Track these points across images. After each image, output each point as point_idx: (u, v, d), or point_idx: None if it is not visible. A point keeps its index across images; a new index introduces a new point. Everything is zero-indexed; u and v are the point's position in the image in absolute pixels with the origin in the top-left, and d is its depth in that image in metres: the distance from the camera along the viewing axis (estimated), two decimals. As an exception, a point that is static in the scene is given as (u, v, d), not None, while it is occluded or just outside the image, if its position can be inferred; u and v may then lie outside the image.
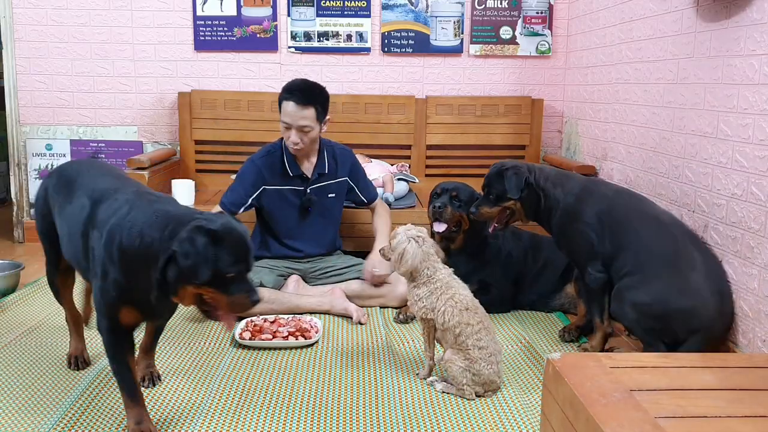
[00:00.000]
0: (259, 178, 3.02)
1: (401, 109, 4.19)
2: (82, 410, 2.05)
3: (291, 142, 2.91)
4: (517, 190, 2.64)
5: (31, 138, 4.25)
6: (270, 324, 2.68)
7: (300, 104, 2.86)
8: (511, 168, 2.68)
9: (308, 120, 2.88)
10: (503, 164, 2.74)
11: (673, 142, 2.86)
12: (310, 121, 2.89)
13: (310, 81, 2.97)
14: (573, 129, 4.12)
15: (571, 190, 2.60)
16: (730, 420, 1.29)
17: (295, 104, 2.86)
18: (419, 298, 2.23)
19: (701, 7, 2.65)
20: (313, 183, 3.07)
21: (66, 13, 4.13)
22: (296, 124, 2.88)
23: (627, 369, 1.49)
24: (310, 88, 2.92)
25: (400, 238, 2.25)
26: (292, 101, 2.87)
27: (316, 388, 2.23)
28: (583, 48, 3.97)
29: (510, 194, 2.65)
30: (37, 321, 2.81)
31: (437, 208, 2.96)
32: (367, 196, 3.23)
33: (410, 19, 4.21)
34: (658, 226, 2.44)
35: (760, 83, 2.28)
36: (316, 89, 2.94)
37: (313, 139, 2.96)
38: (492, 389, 2.18)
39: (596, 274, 2.51)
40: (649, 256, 2.37)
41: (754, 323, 2.30)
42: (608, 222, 2.49)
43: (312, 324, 2.70)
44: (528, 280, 3.07)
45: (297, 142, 2.90)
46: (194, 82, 4.22)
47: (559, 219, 2.61)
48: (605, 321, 2.55)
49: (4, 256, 3.94)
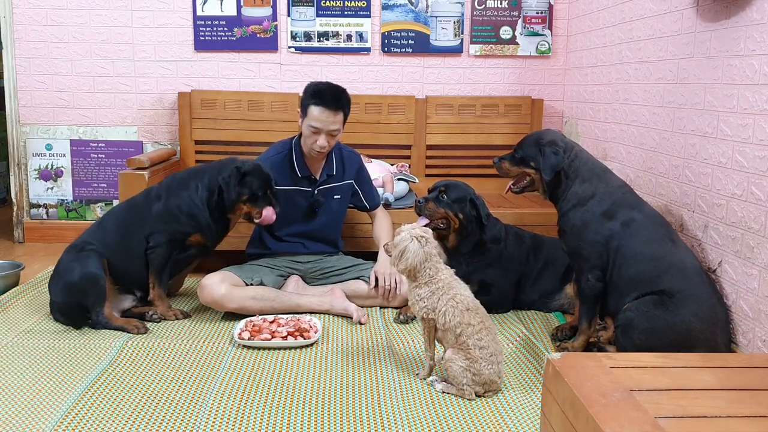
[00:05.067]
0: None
1: (401, 109, 4.19)
2: (83, 411, 2.05)
3: (318, 146, 2.91)
4: (552, 171, 2.53)
5: (31, 138, 4.25)
6: (269, 324, 2.68)
7: (332, 110, 2.87)
8: (550, 144, 2.55)
9: (338, 124, 2.91)
10: (544, 135, 2.61)
11: (673, 142, 2.86)
12: (339, 125, 2.92)
13: (336, 85, 2.97)
14: (573, 129, 4.12)
15: (601, 201, 2.48)
16: (730, 420, 1.29)
17: (326, 109, 2.86)
18: (420, 298, 2.23)
19: (701, 7, 2.65)
20: (321, 184, 3.07)
21: (66, 13, 4.13)
22: (327, 129, 2.89)
23: (627, 369, 1.49)
24: (340, 93, 2.93)
25: (404, 236, 2.24)
26: (322, 106, 2.86)
27: (315, 388, 2.23)
28: (583, 48, 3.97)
29: (543, 173, 2.55)
30: (37, 320, 2.81)
31: (419, 203, 2.95)
32: (371, 202, 3.23)
33: (410, 19, 4.21)
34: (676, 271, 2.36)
35: (760, 83, 2.28)
36: (345, 93, 2.96)
37: (336, 142, 3.00)
38: (493, 389, 2.18)
39: (594, 282, 2.49)
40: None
41: (754, 323, 2.30)
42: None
43: (311, 324, 2.70)
44: (529, 280, 3.07)
45: (325, 146, 2.92)
46: (194, 82, 4.22)
47: (576, 219, 2.52)
48: (592, 327, 2.55)
49: (4, 256, 3.94)
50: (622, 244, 2.43)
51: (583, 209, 2.51)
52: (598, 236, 2.47)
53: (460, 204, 2.93)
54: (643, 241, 2.42)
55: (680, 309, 2.27)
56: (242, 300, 2.82)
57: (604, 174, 2.58)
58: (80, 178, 4.30)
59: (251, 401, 2.14)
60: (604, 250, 2.46)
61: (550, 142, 2.57)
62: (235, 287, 2.84)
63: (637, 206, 2.50)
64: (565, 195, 2.55)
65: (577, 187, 2.53)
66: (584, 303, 2.55)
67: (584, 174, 2.54)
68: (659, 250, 2.39)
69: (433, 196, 2.95)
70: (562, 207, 2.58)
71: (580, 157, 2.58)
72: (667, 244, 2.42)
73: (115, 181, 4.21)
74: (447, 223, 2.95)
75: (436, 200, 2.93)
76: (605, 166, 2.64)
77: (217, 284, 2.81)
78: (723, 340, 2.32)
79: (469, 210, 2.94)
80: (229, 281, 2.85)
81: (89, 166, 4.29)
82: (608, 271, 2.48)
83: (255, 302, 2.84)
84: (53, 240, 4.27)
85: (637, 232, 2.43)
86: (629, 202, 2.51)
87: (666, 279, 2.33)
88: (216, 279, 2.83)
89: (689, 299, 2.28)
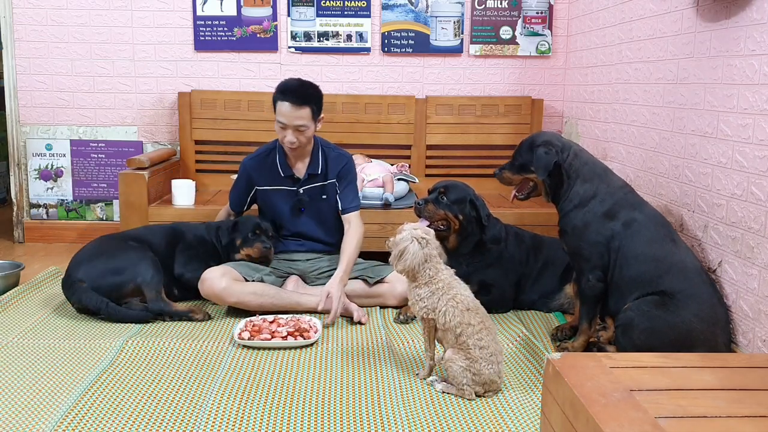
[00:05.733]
0: (248, 180, 3.13)
1: (401, 109, 4.19)
2: (83, 411, 2.05)
3: (287, 141, 2.92)
4: (544, 170, 2.53)
5: (31, 138, 4.25)
6: (269, 324, 2.68)
7: (295, 104, 2.86)
8: (543, 144, 2.55)
9: (304, 119, 2.89)
10: (539, 137, 2.61)
11: (673, 142, 2.86)
12: (306, 121, 2.89)
13: (304, 80, 2.98)
14: (573, 129, 4.12)
15: (602, 201, 2.48)
16: (730, 420, 1.29)
17: (291, 104, 2.86)
18: (420, 298, 2.23)
19: (701, 7, 2.65)
20: (304, 184, 3.07)
21: (66, 13, 4.13)
22: (292, 124, 2.88)
23: (627, 369, 1.49)
24: (304, 88, 2.92)
25: (405, 236, 2.23)
26: (287, 101, 2.87)
27: (315, 388, 2.23)
28: (583, 48, 3.97)
29: (537, 173, 2.56)
30: (37, 320, 2.81)
31: (418, 204, 2.95)
32: (344, 205, 3.09)
33: (410, 19, 4.21)
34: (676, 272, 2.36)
35: (760, 83, 2.28)
36: (311, 88, 2.94)
37: (309, 137, 2.98)
38: (493, 389, 2.18)
39: (595, 282, 2.49)
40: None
41: (754, 323, 2.30)
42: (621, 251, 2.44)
43: (311, 324, 2.70)
44: (529, 280, 3.07)
45: (293, 141, 2.91)
46: (194, 82, 4.22)
47: (577, 220, 2.52)
48: (592, 327, 2.55)
49: (4, 256, 3.94)
50: (623, 245, 2.43)
51: (584, 209, 2.51)
52: (599, 236, 2.47)
53: (459, 205, 2.92)
54: (644, 242, 2.42)
55: (681, 309, 2.27)
56: (242, 295, 2.83)
57: (606, 174, 2.58)
58: (80, 178, 4.30)
59: (251, 401, 2.14)
60: (605, 251, 2.46)
61: (543, 142, 2.57)
62: (235, 282, 2.86)
63: (638, 206, 2.50)
64: (567, 195, 2.55)
65: (579, 187, 2.53)
66: (585, 303, 2.55)
67: (585, 174, 2.54)
68: (660, 251, 2.39)
69: (433, 197, 2.94)
70: (563, 207, 2.58)
71: (580, 156, 2.57)
72: (668, 245, 2.42)
73: (115, 181, 4.21)
74: (447, 224, 2.94)
75: (435, 202, 2.92)
76: (606, 166, 2.63)
77: (218, 278, 2.83)
78: (723, 340, 2.32)
79: (469, 211, 2.93)
80: (230, 276, 2.87)
81: (89, 166, 4.29)
82: (609, 271, 2.48)
83: (255, 297, 2.85)
84: (53, 240, 4.27)
85: (638, 233, 2.43)
86: (630, 202, 2.51)
87: (667, 279, 2.33)
88: (217, 273, 2.86)
89: (690, 299, 2.28)
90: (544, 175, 2.55)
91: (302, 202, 3.08)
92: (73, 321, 2.82)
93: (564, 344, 2.60)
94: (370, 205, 3.51)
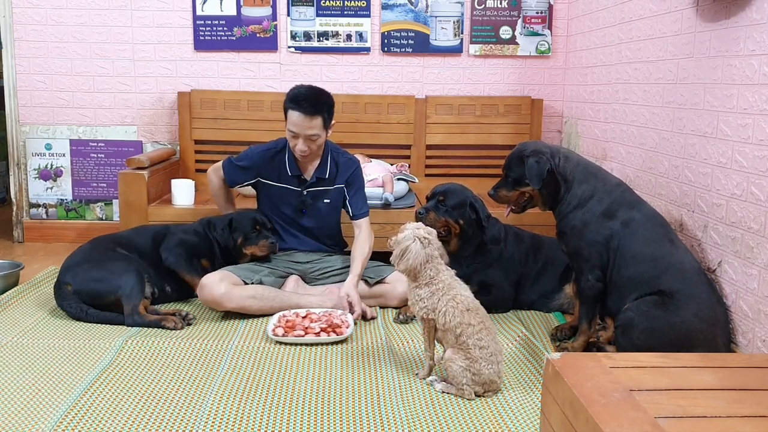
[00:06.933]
0: (252, 170, 3.10)
1: (401, 109, 4.19)
2: (82, 411, 2.05)
3: (298, 150, 2.91)
4: (539, 180, 2.53)
5: (30, 138, 4.25)
6: (302, 319, 2.68)
7: (308, 114, 2.84)
8: (533, 154, 2.55)
9: (316, 129, 2.88)
10: (525, 147, 2.61)
11: (672, 142, 2.86)
12: (317, 130, 2.88)
13: (316, 88, 2.94)
14: (573, 129, 4.12)
15: (600, 200, 2.48)
16: (730, 420, 1.29)
17: (303, 114, 2.84)
18: (420, 298, 2.23)
19: (701, 7, 2.65)
20: (310, 186, 3.07)
21: (66, 13, 4.13)
22: (304, 133, 2.87)
23: (627, 369, 1.49)
24: (316, 97, 2.89)
25: (407, 235, 2.23)
26: (299, 111, 2.84)
27: (315, 388, 2.23)
28: (583, 48, 3.97)
29: (531, 184, 2.55)
30: (37, 320, 2.81)
31: (420, 214, 2.94)
32: (355, 211, 3.11)
33: (410, 19, 4.21)
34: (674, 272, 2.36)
35: (760, 83, 2.28)
36: (323, 97, 2.91)
37: (320, 145, 2.97)
38: (492, 389, 2.18)
39: (595, 282, 2.49)
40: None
41: (754, 323, 2.30)
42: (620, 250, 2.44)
43: (343, 319, 2.70)
44: (529, 280, 3.07)
45: (305, 150, 2.91)
46: (194, 82, 4.22)
47: (576, 220, 2.52)
48: (592, 327, 2.55)
49: (4, 256, 3.94)
50: (621, 244, 2.43)
51: (583, 210, 2.51)
52: (598, 236, 2.47)
53: (459, 210, 2.93)
54: (642, 241, 2.42)
55: (680, 309, 2.27)
56: (241, 299, 2.82)
57: (600, 172, 2.59)
58: (80, 178, 4.29)
59: (251, 401, 2.14)
60: (605, 250, 2.47)
61: (532, 152, 2.57)
62: (234, 286, 2.84)
63: (636, 205, 2.51)
64: (565, 198, 2.56)
65: (576, 189, 2.54)
66: (584, 303, 2.55)
67: (580, 175, 2.55)
68: (658, 250, 2.40)
69: (432, 204, 2.94)
70: (561, 210, 2.59)
71: (571, 159, 2.58)
72: (666, 245, 2.42)
73: (115, 180, 4.21)
74: (448, 229, 2.96)
75: (435, 209, 2.92)
76: (598, 165, 2.65)
77: (216, 283, 2.81)
78: (723, 340, 2.32)
79: (468, 214, 2.94)
80: (229, 280, 2.85)
81: (89, 165, 4.29)
82: (608, 271, 2.48)
83: (254, 301, 2.84)
84: (53, 240, 4.27)
85: (636, 232, 2.43)
86: (628, 200, 2.51)
87: (665, 279, 2.34)
88: (215, 278, 2.84)
89: (689, 299, 2.29)
90: (539, 185, 2.55)
91: (305, 203, 3.07)
92: (73, 321, 2.81)
93: (564, 344, 2.60)
94: (369, 205, 3.50)
